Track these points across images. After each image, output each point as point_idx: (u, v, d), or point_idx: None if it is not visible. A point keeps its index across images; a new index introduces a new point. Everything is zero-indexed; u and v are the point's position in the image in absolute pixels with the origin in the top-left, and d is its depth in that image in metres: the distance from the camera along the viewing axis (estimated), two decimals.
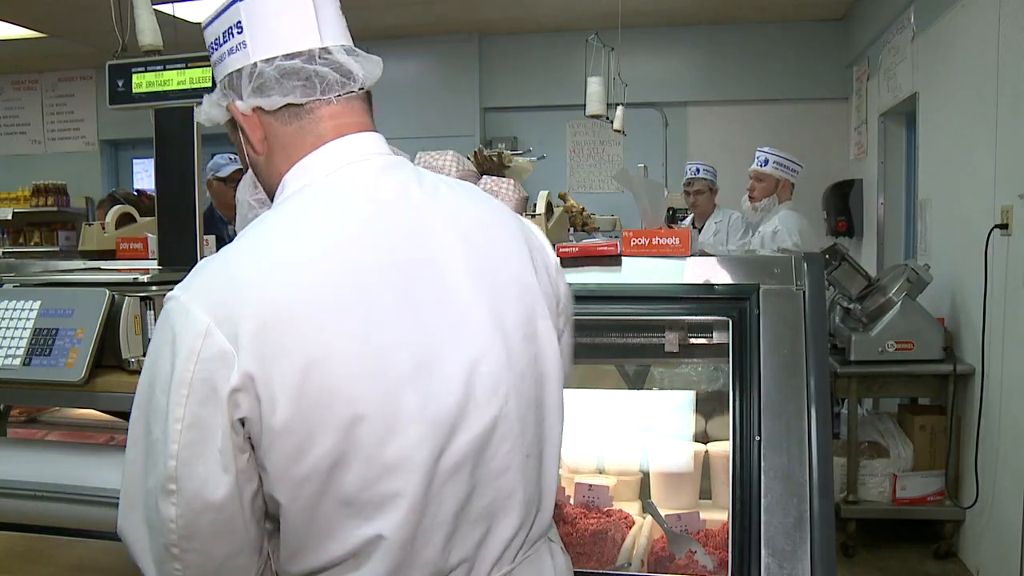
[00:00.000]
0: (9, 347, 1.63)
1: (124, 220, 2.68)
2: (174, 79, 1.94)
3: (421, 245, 1.17)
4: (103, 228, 2.62)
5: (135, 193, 4.89)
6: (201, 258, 1.90)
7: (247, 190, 1.31)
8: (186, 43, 2.16)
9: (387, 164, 1.22)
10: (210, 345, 1.04)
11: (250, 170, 1.33)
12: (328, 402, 1.05)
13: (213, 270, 1.13)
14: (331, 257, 1.10)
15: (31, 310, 1.66)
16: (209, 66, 1.84)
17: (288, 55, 1.17)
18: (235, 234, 3.83)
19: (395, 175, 1.22)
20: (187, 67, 1.93)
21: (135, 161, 9.15)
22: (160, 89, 1.95)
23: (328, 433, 1.05)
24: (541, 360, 1.25)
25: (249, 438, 1.06)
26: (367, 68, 1.22)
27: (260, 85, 1.18)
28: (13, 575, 1.92)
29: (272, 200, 1.27)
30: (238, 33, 1.19)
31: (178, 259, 1.93)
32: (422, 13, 6.91)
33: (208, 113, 1.26)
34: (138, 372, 1.59)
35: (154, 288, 1.66)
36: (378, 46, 1.40)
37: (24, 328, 1.64)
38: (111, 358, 1.63)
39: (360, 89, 1.23)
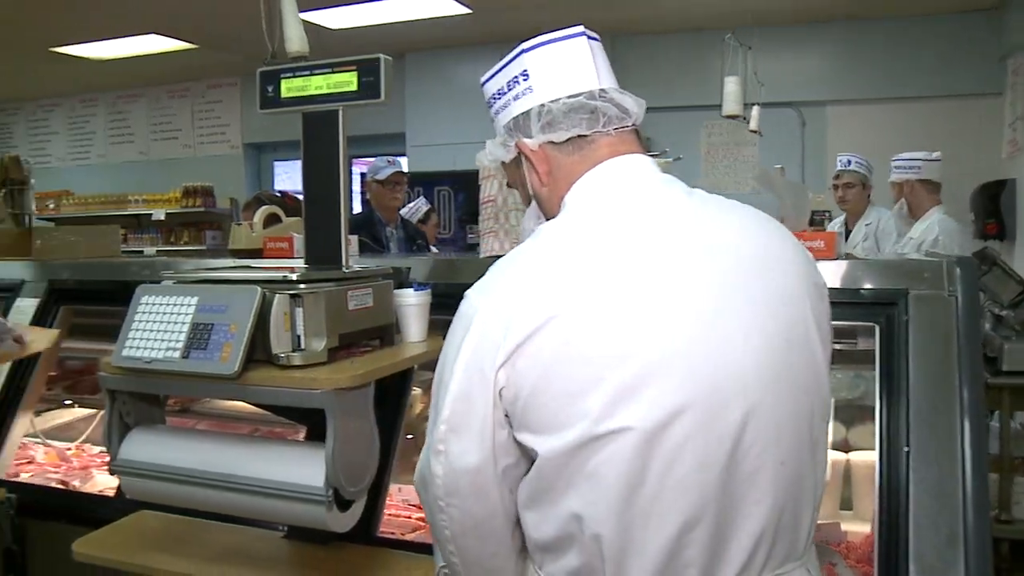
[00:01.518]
0: (170, 340, 1.72)
1: (270, 220, 2.78)
2: (320, 84, 2.00)
3: (692, 254, 1.25)
4: (251, 228, 2.72)
5: (278, 194, 5.07)
6: (345, 258, 1.97)
7: (531, 220, 1.46)
8: (328, 49, 2.23)
9: (662, 180, 1.36)
10: (485, 332, 1.21)
11: (533, 202, 1.49)
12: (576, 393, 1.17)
13: (500, 269, 1.30)
14: (605, 258, 1.23)
15: (190, 306, 1.73)
16: (353, 71, 1.94)
17: (571, 95, 1.37)
18: (392, 235, 3.90)
19: (669, 190, 1.34)
20: (332, 72, 1.98)
21: (276, 163, 9.51)
22: (307, 94, 2.01)
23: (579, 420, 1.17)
24: (803, 371, 1.28)
25: (507, 415, 1.22)
26: (638, 106, 1.40)
27: (549, 121, 1.37)
28: (168, 554, 2.02)
29: None
30: (524, 80, 1.40)
31: (324, 258, 1.99)
32: (552, 15, 6.93)
33: (494, 153, 1.46)
34: (287, 367, 1.67)
35: (302, 286, 1.71)
36: (507, 50, 1.44)
37: (183, 323, 1.72)
38: (261, 353, 1.69)
39: (632, 124, 1.40)
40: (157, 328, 1.75)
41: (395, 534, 2.22)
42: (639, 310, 1.19)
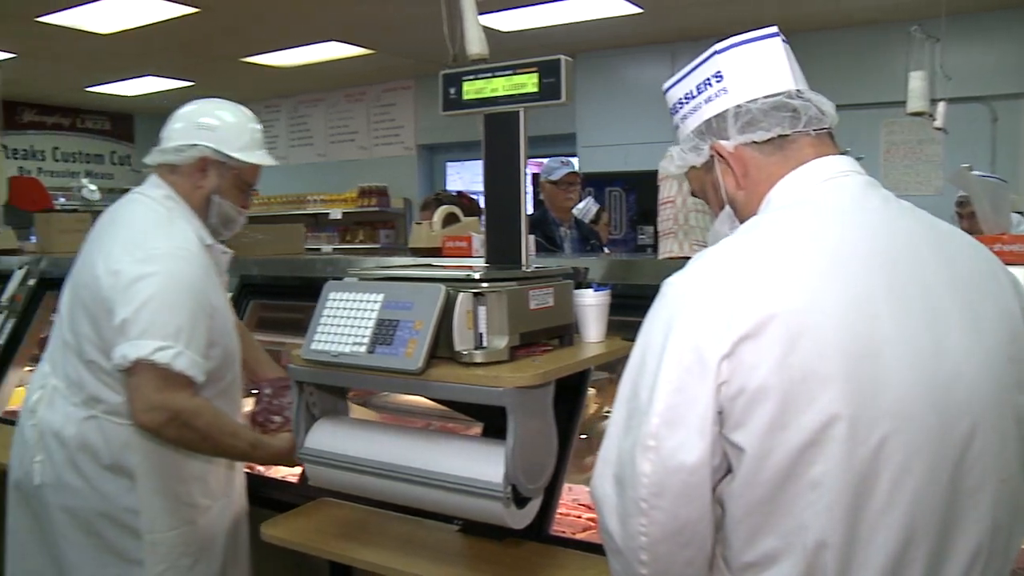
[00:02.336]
0: (357, 335, 1.77)
1: (449, 220, 2.83)
2: (501, 85, 2.01)
3: (906, 255, 1.22)
4: (431, 227, 2.79)
5: (454, 194, 5.20)
6: (525, 257, 1.98)
7: (724, 224, 1.44)
8: (500, 52, 2.26)
9: (867, 181, 1.33)
10: (702, 319, 1.16)
11: (727, 207, 1.44)
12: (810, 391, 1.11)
13: (710, 259, 1.25)
14: (825, 256, 1.19)
15: (376, 302, 1.79)
16: (534, 72, 1.95)
17: (768, 95, 1.35)
18: (566, 235, 3.92)
19: (876, 191, 1.32)
20: (514, 74, 2.00)
21: (448, 164, 9.74)
22: (488, 95, 2.03)
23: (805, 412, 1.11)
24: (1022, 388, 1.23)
25: (720, 411, 1.15)
26: (832, 108, 1.38)
27: (748, 121, 1.35)
28: (352, 542, 2.10)
29: None
30: (717, 82, 1.38)
31: (504, 257, 2.01)
32: (724, 13, 6.77)
33: (683, 159, 1.44)
34: (469, 364, 1.70)
35: (485, 285, 1.73)
36: (678, 49, 1.42)
37: (369, 319, 1.77)
38: (444, 350, 1.72)
39: (828, 127, 1.37)
40: (344, 323, 1.81)
41: (565, 533, 2.22)
42: (870, 312, 1.15)
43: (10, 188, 5.06)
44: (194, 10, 6.46)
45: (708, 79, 1.39)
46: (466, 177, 9.54)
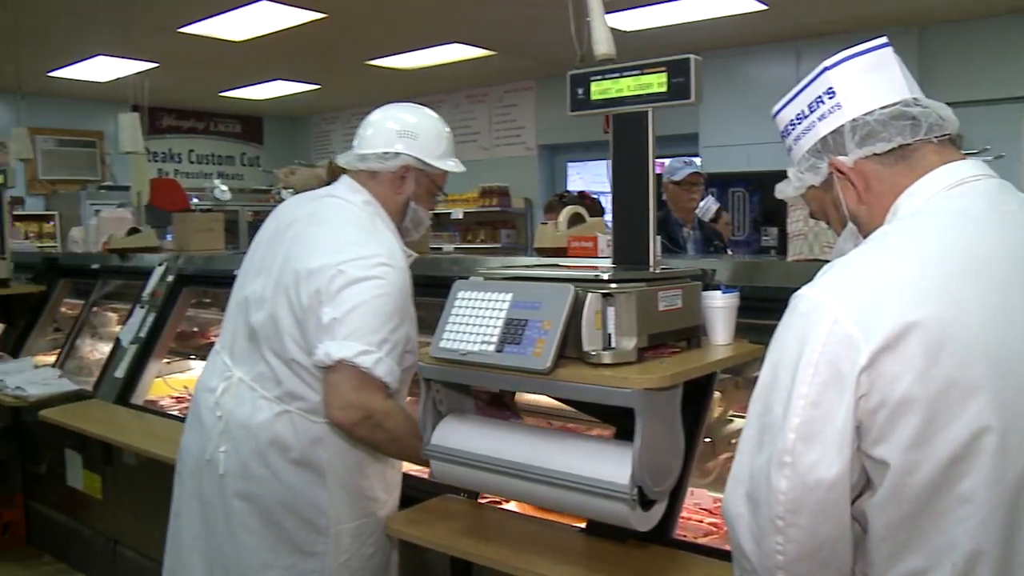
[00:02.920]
0: (485, 334, 1.79)
1: (575, 220, 2.84)
2: (628, 85, 2.00)
3: None
4: (556, 227, 2.80)
5: (576, 195, 5.21)
6: (652, 258, 1.97)
7: (848, 242, 1.43)
8: (623, 51, 2.25)
9: (1000, 184, 1.30)
10: (838, 332, 1.13)
11: (849, 223, 1.41)
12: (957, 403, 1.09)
13: (841, 270, 1.22)
14: (962, 262, 1.17)
15: (504, 302, 1.81)
16: (663, 71, 1.94)
17: (885, 106, 1.32)
18: (689, 236, 3.88)
19: (1012, 194, 1.29)
20: (642, 73, 1.98)
21: (569, 164, 9.75)
22: (615, 96, 2.02)
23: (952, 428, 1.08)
24: None
25: (859, 426, 1.12)
26: (951, 113, 1.34)
27: (867, 134, 1.32)
28: (475, 539, 2.13)
29: None
30: (829, 98, 1.36)
31: (632, 258, 2.00)
32: (849, 9, 6.55)
33: (801, 179, 1.44)
34: (597, 365, 1.70)
35: (614, 286, 1.73)
36: (803, 47, 1.38)
37: (498, 318, 1.79)
38: (572, 350, 1.72)
39: (949, 133, 1.34)
40: (472, 322, 1.83)
41: (687, 537, 2.20)
42: (1011, 319, 1.11)
43: (152, 189, 5.32)
44: (321, 15, 6.66)
45: (819, 97, 1.37)
46: (586, 177, 9.54)
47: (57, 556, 4.25)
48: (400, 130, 2.27)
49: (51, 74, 8.47)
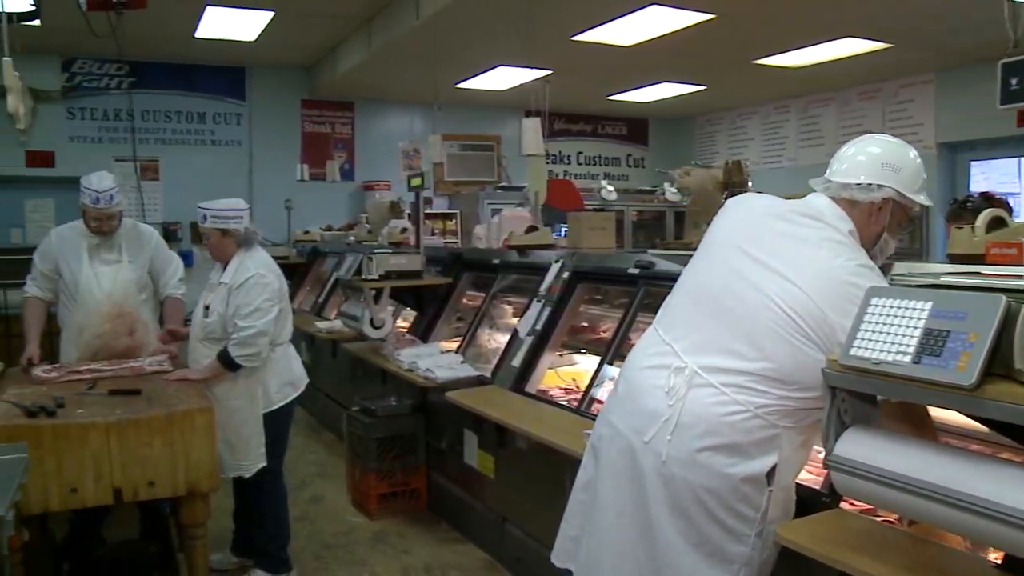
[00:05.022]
0: (899, 344, 1.70)
1: (994, 224, 2.60)
2: None
3: None
4: (973, 232, 2.59)
5: (979, 196, 4.72)
6: None
7: None
8: None
9: None
10: None
11: None
12: None
13: None
14: None
15: (923, 310, 1.70)
16: None
17: None
18: None
19: None
20: None
21: (972, 163, 8.91)
22: None
23: None
24: None
25: None
26: None
27: None
28: (867, 557, 1.99)
29: None
30: None
31: None
32: None
33: None
34: None
35: None
36: None
37: (915, 327, 1.69)
38: (999, 366, 1.58)
39: None
40: (886, 331, 1.74)
41: None
42: None
43: (548, 190, 5.66)
44: (709, 16, 6.67)
45: None
46: (992, 177, 8.64)
47: (452, 525, 4.66)
48: (885, 163, 2.31)
49: (458, 85, 9.33)
